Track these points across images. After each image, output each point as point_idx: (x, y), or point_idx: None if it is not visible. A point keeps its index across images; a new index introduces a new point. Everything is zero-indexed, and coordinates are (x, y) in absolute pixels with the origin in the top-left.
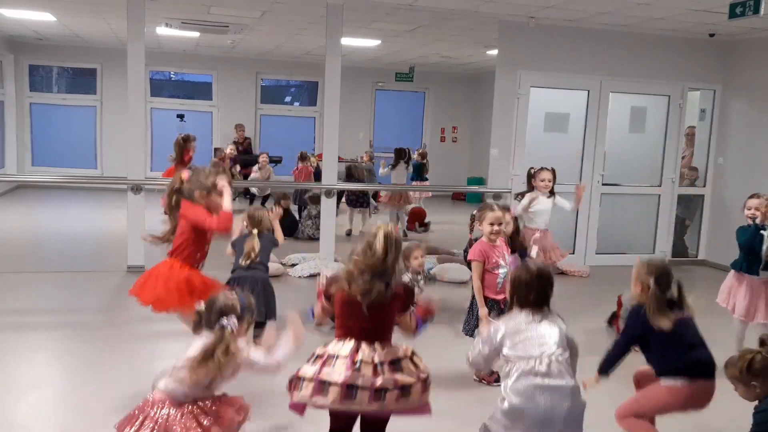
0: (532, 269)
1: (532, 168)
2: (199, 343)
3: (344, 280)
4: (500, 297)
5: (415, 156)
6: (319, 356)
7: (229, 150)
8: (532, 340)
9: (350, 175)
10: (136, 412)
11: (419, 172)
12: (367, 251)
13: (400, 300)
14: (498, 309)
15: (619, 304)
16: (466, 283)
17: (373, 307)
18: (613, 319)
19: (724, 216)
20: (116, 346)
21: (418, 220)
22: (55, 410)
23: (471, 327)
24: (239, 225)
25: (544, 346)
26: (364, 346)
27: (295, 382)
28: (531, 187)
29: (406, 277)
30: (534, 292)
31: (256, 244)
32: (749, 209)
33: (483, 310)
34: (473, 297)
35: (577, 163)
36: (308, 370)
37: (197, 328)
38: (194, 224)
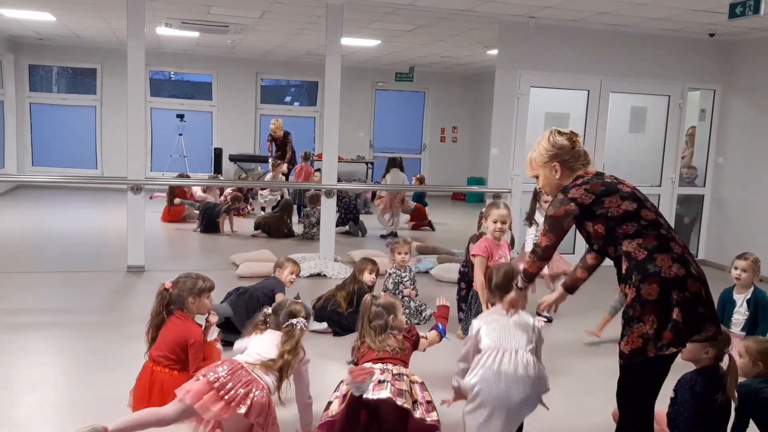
0: (502, 269)
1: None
2: (263, 338)
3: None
4: None
5: (413, 182)
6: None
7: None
8: (505, 330)
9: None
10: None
11: (420, 197)
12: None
13: (408, 342)
14: None
15: None
16: None
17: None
18: None
19: (724, 216)
20: (116, 346)
21: (418, 218)
22: (55, 410)
23: (469, 326)
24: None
25: (513, 339)
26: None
27: (326, 405)
28: (534, 208)
29: (391, 271)
30: (504, 290)
31: None
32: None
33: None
34: (470, 297)
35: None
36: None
37: (256, 329)
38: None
